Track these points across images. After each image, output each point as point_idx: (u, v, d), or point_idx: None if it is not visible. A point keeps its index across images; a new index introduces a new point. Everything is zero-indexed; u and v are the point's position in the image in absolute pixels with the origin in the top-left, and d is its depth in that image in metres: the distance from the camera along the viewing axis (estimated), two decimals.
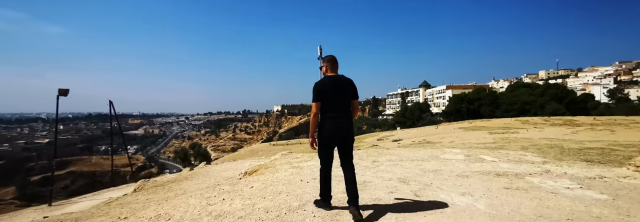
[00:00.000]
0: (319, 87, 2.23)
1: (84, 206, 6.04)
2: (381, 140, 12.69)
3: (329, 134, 2.21)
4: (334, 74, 2.34)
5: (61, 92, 9.10)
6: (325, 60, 2.39)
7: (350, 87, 2.31)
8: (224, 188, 3.11)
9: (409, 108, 41.66)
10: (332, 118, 2.21)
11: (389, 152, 5.66)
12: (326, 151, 2.28)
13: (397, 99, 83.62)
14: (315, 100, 2.22)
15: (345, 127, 2.24)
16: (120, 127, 11.03)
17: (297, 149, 10.89)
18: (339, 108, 2.24)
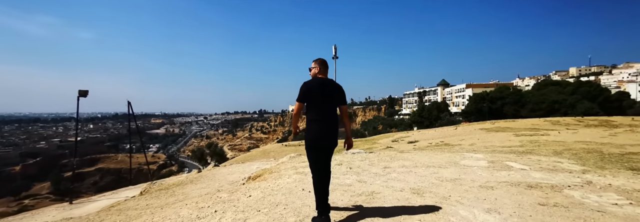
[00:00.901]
0: (306, 87, 2.18)
1: (99, 205, 6.11)
2: (396, 141, 12.18)
3: (315, 138, 2.17)
4: (324, 76, 2.31)
5: (81, 94, 9.38)
6: (317, 63, 2.33)
7: (338, 92, 2.27)
8: (222, 196, 2.90)
9: (427, 107, 40.32)
10: (317, 121, 2.18)
11: (403, 157, 5.27)
12: (316, 154, 2.21)
13: (414, 99, 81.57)
14: (299, 100, 2.17)
15: (330, 131, 2.20)
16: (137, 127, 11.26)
17: None
18: (324, 111, 2.20)
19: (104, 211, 3.62)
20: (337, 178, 3.50)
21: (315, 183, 2.17)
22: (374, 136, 18.10)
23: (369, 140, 14.01)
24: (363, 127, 52.65)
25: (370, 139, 14.84)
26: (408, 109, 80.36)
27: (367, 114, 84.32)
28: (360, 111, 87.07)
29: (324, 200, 2.13)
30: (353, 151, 6.94)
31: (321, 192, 2.14)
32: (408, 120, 44.75)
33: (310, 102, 2.18)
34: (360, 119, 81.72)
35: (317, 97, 2.17)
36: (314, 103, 2.18)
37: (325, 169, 2.25)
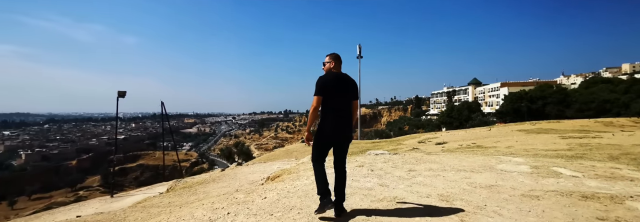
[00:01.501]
0: (323, 82, 2.14)
1: (134, 199, 6.45)
2: (423, 142, 11.57)
3: (330, 133, 2.13)
4: (338, 71, 2.27)
5: (120, 94, 10.07)
6: (331, 57, 2.29)
7: (353, 86, 2.26)
8: (238, 197, 2.84)
9: (456, 107, 38.21)
10: (334, 116, 2.13)
11: (430, 159, 4.90)
12: (323, 150, 2.20)
13: (443, 98, 77.87)
14: (318, 93, 2.10)
15: (347, 126, 2.18)
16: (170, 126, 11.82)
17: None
18: (340, 106, 2.16)
19: (131, 207, 3.75)
20: (356, 181, 3.30)
21: (316, 174, 2.18)
22: (400, 136, 17.45)
23: (393, 141, 13.48)
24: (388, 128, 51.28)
25: (395, 139, 14.29)
26: (436, 109, 76.93)
27: (392, 114, 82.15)
28: (385, 111, 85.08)
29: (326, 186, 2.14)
30: (376, 151, 6.65)
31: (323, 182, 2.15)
32: (436, 120, 42.80)
33: (327, 96, 2.12)
34: (386, 119, 79.82)
35: (334, 91, 2.14)
36: (331, 97, 2.13)
37: (340, 168, 2.22)
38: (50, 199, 51.64)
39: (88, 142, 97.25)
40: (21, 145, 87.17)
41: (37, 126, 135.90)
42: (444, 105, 65.75)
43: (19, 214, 36.81)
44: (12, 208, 45.43)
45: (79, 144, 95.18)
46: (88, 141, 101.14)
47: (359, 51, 26.43)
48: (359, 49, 26.49)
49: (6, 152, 79.60)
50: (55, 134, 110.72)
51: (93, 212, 5.41)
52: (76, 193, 54.83)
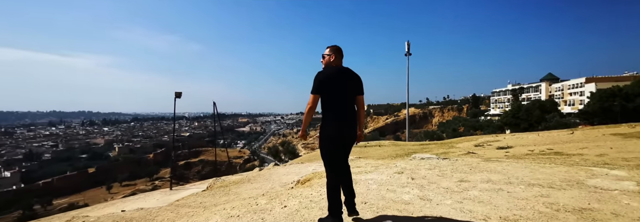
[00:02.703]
0: (322, 77, 1.94)
1: (187, 193, 6.94)
2: (481, 146, 10.10)
3: (334, 134, 1.95)
4: (339, 65, 2.07)
5: (177, 95, 11.08)
6: (331, 49, 2.08)
7: (357, 80, 2.08)
8: (259, 203, 2.65)
9: (525, 107, 33.16)
10: (337, 115, 1.95)
11: (490, 167, 4.07)
12: (334, 153, 1.99)
13: (507, 97, 68.77)
14: (314, 91, 1.92)
15: (351, 127, 2.02)
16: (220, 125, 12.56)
17: (373, 152, 9.86)
18: (344, 104, 1.99)
19: (169, 205, 3.88)
20: (392, 191, 2.82)
21: (330, 187, 1.93)
22: (453, 138, 15.72)
23: (445, 143, 12.13)
24: (440, 129, 47.30)
25: (448, 142, 12.86)
26: (498, 108, 68.52)
27: (445, 115, 75.71)
28: (437, 111, 78.89)
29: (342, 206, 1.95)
30: (422, 155, 5.93)
31: (336, 198, 1.92)
32: (498, 121, 37.90)
33: (328, 93, 1.93)
34: (437, 119, 73.97)
35: (336, 87, 1.94)
36: (332, 94, 1.94)
37: (344, 170, 2.03)
38: (135, 186, 60.89)
39: (162, 138, 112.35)
40: (115, 139, 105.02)
41: (125, 124, 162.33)
42: (509, 105, 58.12)
43: (113, 197, 44.34)
44: (109, 192, 54.89)
45: (155, 139, 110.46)
46: (162, 137, 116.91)
47: (407, 48, 24.93)
48: (408, 45, 24.97)
49: (105, 145, 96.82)
50: (138, 130, 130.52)
51: (154, 203, 5.93)
52: (153, 182, 63.57)
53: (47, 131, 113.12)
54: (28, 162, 68.23)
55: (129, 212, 3.14)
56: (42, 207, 42.74)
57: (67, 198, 49.95)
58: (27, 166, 65.07)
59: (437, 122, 70.73)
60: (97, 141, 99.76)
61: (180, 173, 71.48)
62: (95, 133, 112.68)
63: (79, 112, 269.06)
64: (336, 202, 1.92)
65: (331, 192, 1.92)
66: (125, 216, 2.86)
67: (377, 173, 3.74)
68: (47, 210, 40.24)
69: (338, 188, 1.95)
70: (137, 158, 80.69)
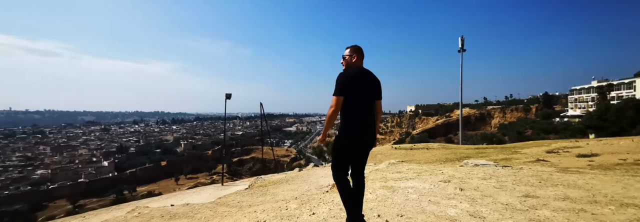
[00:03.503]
0: (346, 79, 1.86)
1: (235, 189, 7.43)
2: (555, 153, 8.53)
3: (355, 137, 1.87)
4: (360, 65, 2.00)
5: (227, 96, 11.97)
6: (352, 50, 2.00)
7: (378, 84, 2.01)
8: (289, 208, 2.60)
9: (614, 107, 27.31)
10: (358, 119, 1.87)
11: (567, 180, 3.35)
12: (348, 159, 1.91)
13: (591, 95, 57.70)
14: (339, 93, 1.82)
15: (372, 130, 1.95)
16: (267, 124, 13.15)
17: (419, 156, 9.14)
18: (365, 107, 1.91)
19: (211, 202, 4.12)
20: (435, 204, 2.48)
21: (345, 194, 1.88)
22: (517, 142, 13.73)
23: (507, 148, 10.62)
24: (501, 131, 42.04)
25: (510, 146, 11.24)
26: (578, 109, 57.97)
27: (507, 116, 67.00)
28: (497, 111, 70.30)
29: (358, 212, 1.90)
30: (477, 161, 5.25)
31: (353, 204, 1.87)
32: (578, 124, 32.01)
33: (351, 95, 1.84)
34: (497, 121, 65.90)
35: (359, 89, 1.87)
36: (355, 96, 1.85)
37: (359, 176, 1.96)
38: (197, 179, 68.16)
39: (219, 137, 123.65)
40: (181, 136, 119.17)
41: (189, 123, 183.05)
42: (593, 105, 48.86)
43: (180, 188, 50.40)
44: (177, 183, 62.53)
45: (213, 137, 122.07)
46: (219, 135, 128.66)
47: (461, 44, 22.93)
48: (462, 41, 22.92)
49: (174, 141, 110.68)
50: (200, 129, 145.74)
51: (205, 198, 6.45)
52: (211, 176, 70.34)
53: (132, 128, 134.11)
54: (119, 154, 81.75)
55: (176, 207, 3.39)
56: (129, 192, 50.73)
57: (146, 186, 58.37)
58: (119, 157, 77.98)
59: (497, 123, 63.08)
60: (168, 138, 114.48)
61: (234, 169, 77.56)
62: (166, 131, 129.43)
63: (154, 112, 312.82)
64: (353, 204, 1.89)
65: (345, 196, 1.90)
66: (171, 211, 3.09)
67: (419, 180, 3.38)
68: (132, 195, 47.66)
69: (349, 191, 1.90)
70: (199, 154, 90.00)
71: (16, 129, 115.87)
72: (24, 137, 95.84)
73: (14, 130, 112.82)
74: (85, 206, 43.02)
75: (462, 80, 22.67)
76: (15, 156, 73.24)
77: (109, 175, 61.63)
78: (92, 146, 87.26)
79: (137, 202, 7.31)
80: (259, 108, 12.55)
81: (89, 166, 65.37)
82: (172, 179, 64.69)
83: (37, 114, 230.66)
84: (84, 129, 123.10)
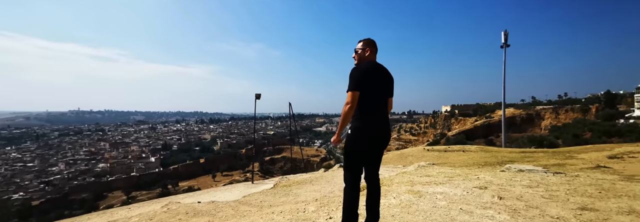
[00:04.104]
0: (361, 73, 1.76)
1: (264, 187, 7.62)
2: (619, 158, 7.35)
3: (369, 135, 1.75)
4: (373, 60, 1.90)
5: (257, 96, 12.35)
6: (365, 43, 1.90)
7: (391, 80, 1.91)
8: (306, 210, 2.53)
9: None
10: (373, 116, 1.77)
11: (631, 190, 2.82)
12: (360, 160, 1.78)
13: None
14: (354, 88, 1.72)
15: (386, 128, 1.84)
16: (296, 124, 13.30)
17: (454, 158, 8.51)
18: (379, 103, 1.80)
19: (234, 201, 4.21)
20: (468, 213, 2.22)
21: (348, 199, 1.74)
22: (572, 146, 12.15)
23: (559, 152, 9.42)
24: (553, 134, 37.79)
25: (564, 150, 9.97)
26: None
27: (560, 117, 59.95)
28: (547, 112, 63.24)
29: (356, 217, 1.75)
30: (521, 166, 4.72)
31: (352, 214, 1.72)
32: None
33: (365, 91, 1.74)
34: (548, 122, 59.33)
35: (373, 84, 1.77)
36: (369, 92, 1.75)
37: (373, 178, 1.82)
38: (232, 176, 71.76)
39: (251, 136, 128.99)
40: (218, 135, 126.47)
41: (225, 123, 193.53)
42: None
43: (216, 184, 53.53)
44: (214, 180, 66.48)
45: (246, 137, 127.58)
46: (251, 134, 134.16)
47: (504, 39, 21.18)
48: (505, 36, 21.15)
49: (211, 140, 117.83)
50: (234, 128, 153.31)
51: (236, 195, 6.68)
52: (245, 174, 73.59)
53: (174, 127, 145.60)
54: (164, 151, 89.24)
55: (201, 204, 3.52)
56: (172, 187, 55.13)
57: (187, 182, 62.90)
58: (163, 154, 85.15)
59: (547, 125, 56.84)
60: (205, 137, 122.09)
61: (266, 168, 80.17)
62: (204, 130, 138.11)
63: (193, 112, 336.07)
64: (351, 217, 1.75)
65: (348, 205, 1.75)
66: (196, 208, 3.20)
67: (450, 186, 3.09)
68: (175, 189, 51.68)
69: (357, 201, 1.76)
70: (234, 152, 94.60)
71: (83, 127, 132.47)
72: (88, 134, 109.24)
73: (81, 128, 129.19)
74: (136, 197, 47.61)
75: (505, 78, 20.88)
76: (82, 150, 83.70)
77: (155, 170, 67.56)
78: (142, 143, 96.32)
79: (174, 197, 7.82)
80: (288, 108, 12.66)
81: (139, 161, 72.32)
82: (209, 176, 68.84)
83: (99, 113, 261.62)
84: (135, 127, 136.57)
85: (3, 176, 59.67)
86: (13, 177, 59.39)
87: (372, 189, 1.83)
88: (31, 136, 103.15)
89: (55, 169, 66.11)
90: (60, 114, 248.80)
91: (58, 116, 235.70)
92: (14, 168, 64.79)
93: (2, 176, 59.25)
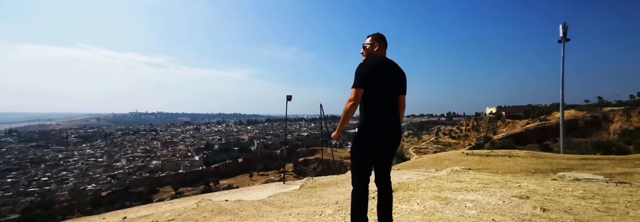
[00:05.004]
0: (367, 69, 1.69)
1: (292, 188, 7.77)
2: None
3: (377, 134, 1.66)
4: (382, 55, 1.80)
5: (288, 98, 12.68)
6: (374, 38, 1.81)
7: (403, 76, 1.80)
8: (324, 213, 2.50)
9: None
10: (380, 114, 1.69)
11: None
12: (368, 161, 1.70)
13: None
14: (359, 85, 1.65)
15: (396, 128, 1.73)
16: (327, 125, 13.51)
17: (497, 164, 7.73)
18: (388, 101, 1.70)
19: (259, 200, 4.32)
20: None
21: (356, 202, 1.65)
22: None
23: (628, 159, 8.02)
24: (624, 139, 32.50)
25: (634, 157, 8.47)
26: None
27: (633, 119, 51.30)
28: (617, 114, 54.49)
29: None
30: (577, 174, 4.13)
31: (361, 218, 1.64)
32: None
33: (372, 87, 1.66)
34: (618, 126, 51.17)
35: (381, 81, 1.68)
36: (377, 89, 1.66)
37: (384, 182, 1.74)
38: (267, 176, 74.45)
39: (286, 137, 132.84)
40: (255, 136, 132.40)
41: (261, 124, 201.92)
42: None
43: (253, 183, 55.98)
44: (251, 179, 69.65)
45: (281, 138, 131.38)
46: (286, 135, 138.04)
47: (563, 32, 19.00)
48: (564, 29, 18.96)
49: (248, 140, 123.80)
50: (270, 129, 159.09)
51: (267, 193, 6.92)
52: (280, 174, 75.77)
53: (215, 128, 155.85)
54: (206, 150, 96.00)
55: (228, 203, 3.68)
56: (213, 184, 59.01)
57: (227, 180, 66.80)
58: (206, 153, 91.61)
59: (617, 129, 49.07)
60: (243, 137, 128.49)
61: (300, 169, 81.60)
62: (242, 131, 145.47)
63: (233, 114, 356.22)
64: (361, 219, 1.66)
65: (355, 208, 1.66)
66: (222, 206, 3.36)
67: (484, 193, 2.81)
68: (216, 187, 55.26)
69: (365, 205, 1.66)
70: (269, 153, 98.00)
71: (140, 127, 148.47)
72: (144, 134, 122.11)
73: (139, 128, 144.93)
74: (183, 193, 51.84)
75: (564, 75, 18.63)
76: (139, 148, 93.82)
77: (199, 168, 72.94)
78: (188, 143, 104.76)
79: (209, 194, 8.31)
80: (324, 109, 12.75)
81: (185, 160, 78.74)
82: (247, 175, 72.21)
83: (153, 115, 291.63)
84: (182, 128, 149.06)
85: (80, 169, 69.70)
86: (87, 170, 68.97)
87: (382, 193, 1.74)
88: (101, 135, 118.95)
89: (118, 164, 75.16)
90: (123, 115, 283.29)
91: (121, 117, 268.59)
92: (88, 162, 75.29)
93: (80, 169, 69.26)
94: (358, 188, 1.68)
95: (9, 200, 47.25)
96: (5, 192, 51.93)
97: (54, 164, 74.15)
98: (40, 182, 58.16)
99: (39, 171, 66.68)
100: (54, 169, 68.76)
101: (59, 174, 64.93)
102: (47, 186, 56.07)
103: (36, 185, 56.57)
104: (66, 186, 56.58)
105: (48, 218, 35.91)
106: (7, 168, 68.22)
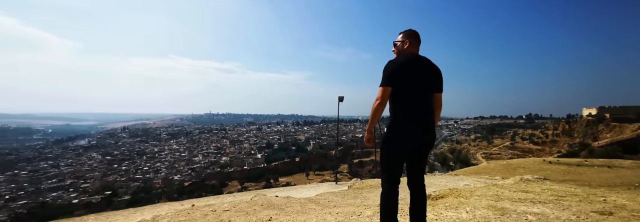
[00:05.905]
0: (395, 67, 1.62)
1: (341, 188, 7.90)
2: None
3: (407, 137, 1.61)
4: (414, 53, 1.71)
5: (340, 99, 12.84)
6: (406, 35, 1.73)
7: (437, 73, 1.69)
8: (363, 214, 2.52)
9: None
10: (411, 113, 1.62)
11: None
12: (398, 162, 1.66)
13: None
14: (386, 83, 1.61)
15: (429, 128, 1.65)
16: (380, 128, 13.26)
17: (589, 175, 6.33)
18: (420, 100, 1.63)
19: (307, 198, 4.52)
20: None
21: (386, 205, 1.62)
22: None
23: None
24: None
25: None
26: None
27: None
28: None
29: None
30: None
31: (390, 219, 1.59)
32: None
33: (401, 86, 1.60)
34: None
35: (411, 78, 1.59)
36: (407, 87, 1.61)
37: (417, 185, 1.67)
38: (323, 176, 76.12)
39: (341, 138, 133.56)
40: (311, 136, 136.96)
41: (317, 125, 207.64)
42: None
43: (309, 182, 58.11)
44: (307, 178, 72.33)
45: (335, 138, 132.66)
46: (341, 136, 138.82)
47: None
48: None
49: (305, 140, 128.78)
50: (325, 130, 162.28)
51: (319, 191, 7.20)
52: (335, 175, 76.70)
53: (275, 128, 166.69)
54: (267, 149, 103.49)
55: (278, 199, 3.97)
56: (273, 181, 63.27)
57: (285, 178, 70.78)
58: (267, 151, 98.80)
59: None
60: (300, 137, 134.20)
61: (355, 170, 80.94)
62: (299, 131, 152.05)
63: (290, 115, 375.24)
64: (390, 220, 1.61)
65: (385, 210, 1.62)
66: (272, 201, 3.65)
67: (554, 207, 2.40)
68: (276, 183, 59.17)
69: (395, 206, 1.61)
70: (324, 153, 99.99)
71: (212, 127, 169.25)
72: (216, 133, 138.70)
73: (211, 127, 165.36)
74: (248, 188, 56.98)
75: None
76: (212, 145, 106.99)
77: (261, 165, 79.21)
78: (251, 141, 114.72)
79: (266, 190, 8.99)
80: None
81: (249, 157, 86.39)
82: (303, 174, 75.13)
83: (223, 116, 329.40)
84: (246, 127, 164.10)
85: (169, 161, 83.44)
86: (174, 163, 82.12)
87: (415, 197, 1.68)
88: (183, 133, 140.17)
89: (196, 159, 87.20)
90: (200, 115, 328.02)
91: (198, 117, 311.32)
92: (175, 156, 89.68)
93: (169, 162, 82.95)
94: (387, 189, 1.66)
95: (124, 183, 60.47)
96: (121, 177, 66.58)
97: (152, 156, 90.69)
98: (142, 171, 72.02)
99: (142, 162, 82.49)
100: (152, 160, 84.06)
101: (154, 164, 79.11)
102: (147, 175, 68.93)
103: (140, 173, 70.18)
104: (159, 175, 68.54)
105: (148, 201, 44.30)
106: (122, 158, 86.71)
